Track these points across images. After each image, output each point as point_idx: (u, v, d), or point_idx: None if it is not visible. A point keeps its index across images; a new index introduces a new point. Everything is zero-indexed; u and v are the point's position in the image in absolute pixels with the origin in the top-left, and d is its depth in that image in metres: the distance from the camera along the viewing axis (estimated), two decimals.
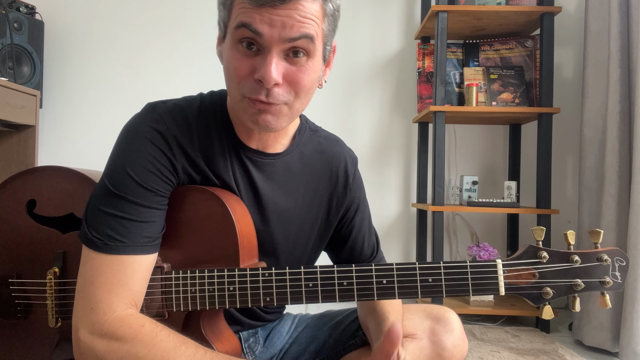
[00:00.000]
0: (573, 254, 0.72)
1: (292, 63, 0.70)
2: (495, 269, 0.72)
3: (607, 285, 0.72)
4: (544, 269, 0.72)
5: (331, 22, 0.72)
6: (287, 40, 0.67)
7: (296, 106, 0.74)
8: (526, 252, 0.73)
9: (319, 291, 0.73)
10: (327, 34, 0.72)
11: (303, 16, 0.66)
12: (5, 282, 0.84)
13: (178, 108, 0.79)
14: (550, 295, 0.72)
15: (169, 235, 0.76)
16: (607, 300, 0.72)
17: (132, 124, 0.77)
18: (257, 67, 0.68)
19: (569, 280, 0.72)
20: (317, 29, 0.69)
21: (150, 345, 0.65)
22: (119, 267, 0.69)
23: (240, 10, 0.67)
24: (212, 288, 0.74)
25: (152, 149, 0.74)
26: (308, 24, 0.67)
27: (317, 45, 0.70)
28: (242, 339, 0.99)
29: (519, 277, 0.72)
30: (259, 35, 0.66)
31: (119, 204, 0.71)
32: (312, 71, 0.72)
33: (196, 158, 0.78)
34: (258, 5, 0.65)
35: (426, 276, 0.72)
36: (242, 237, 0.77)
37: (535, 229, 0.73)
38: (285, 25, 0.66)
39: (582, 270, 0.72)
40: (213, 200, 0.77)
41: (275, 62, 0.67)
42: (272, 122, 0.73)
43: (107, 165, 0.75)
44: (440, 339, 0.88)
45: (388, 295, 0.73)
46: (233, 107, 0.78)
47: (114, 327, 0.66)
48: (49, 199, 0.83)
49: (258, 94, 0.69)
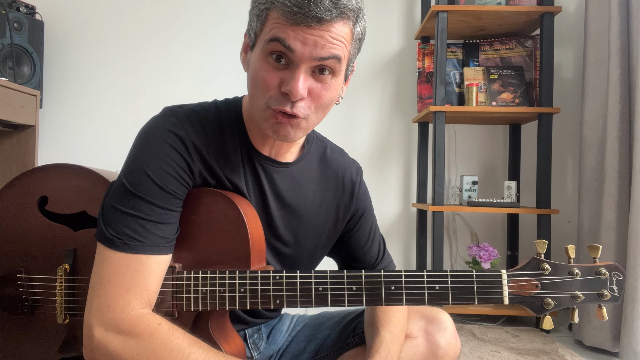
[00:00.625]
0: (574, 267, 0.75)
1: (317, 80, 0.73)
2: (500, 279, 0.75)
3: (605, 299, 0.75)
4: (546, 281, 0.75)
5: (357, 45, 0.77)
6: (317, 59, 0.71)
7: (314, 120, 0.78)
8: (529, 264, 0.76)
9: (329, 295, 0.75)
10: (352, 55, 0.77)
11: (334, 37, 0.70)
12: (14, 277, 0.84)
13: (195, 114, 0.81)
14: (551, 306, 0.75)
15: (181, 235, 0.77)
16: (604, 312, 0.76)
17: (151, 126, 0.78)
18: (284, 80, 0.72)
19: (569, 292, 0.75)
20: (345, 51, 0.73)
21: (167, 342, 0.67)
22: (137, 266, 0.70)
23: (274, 24, 0.70)
24: (223, 289, 0.75)
25: (171, 152, 0.75)
26: (338, 45, 0.71)
27: (343, 65, 0.74)
28: (247, 336, 1.01)
29: (522, 287, 0.75)
30: (291, 51, 0.70)
31: (137, 204, 0.72)
32: (335, 89, 0.76)
33: (212, 163, 0.80)
34: (294, 24, 0.68)
35: (433, 284, 0.75)
36: (253, 240, 0.78)
37: (538, 242, 0.76)
38: (317, 45, 0.69)
39: (582, 283, 0.75)
40: (226, 204, 0.78)
41: (302, 78, 0.71)
42: (291, 133, 0.76)
43: (125, 165, 0.76)
44: (434, 337, 0.91)
45: (396, 302, 0.75)
46: (253, 114, 0.80)
47: (132, 325, 0.68)
48: (61, 196, 0.84)
49: (283, 105, 0.73)
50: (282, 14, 0.68)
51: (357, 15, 0.73)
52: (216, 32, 2.55)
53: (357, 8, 0.72)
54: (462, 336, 1.88)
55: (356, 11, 0.72)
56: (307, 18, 0.67)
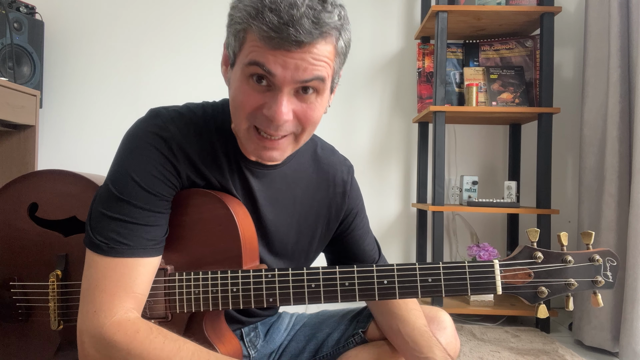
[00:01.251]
0: (566, 255, 0.75)
1: (301, 100, 0.71)
2: (493, 269, 0.74)
3: (599, 285, 0.75)
4: (539, 269, 0.75)
5: (342, 59, 0.74)
6: (299, 82, 0.68)
7: (303, 138, 0.76)
8: (522, 253, 0.75)
9: (322, 292, 0.75)
10: (336, 70, 0.74)
11: (316, 59, 0.67)
12: (7, 285, 0.84)
13: (181, 115, 0.79)
14: (545, 294, 0.74)
15: (172, 237, 0.77)
16: (599, 299, 0.75)
17: (136, 129, 0.77)
18: (266, 103, 0.69)
19: (563, 280, 0.75)
20: (329, 70, 0.70)
21: (145, 352, 0.66)
22: (123, 270, 0.70)
23: (253, 47, 0.67)
24: (216, 289, 0.75)
25: (156, 155, 0.74)
26: (320, 66, 0.68)
27: (327, 83, 0.72)
28: (244, 334, 1.01)
29: (515, 277, 0.74)
30: (271, 75, 0.67)
31: (123, 208, 0.71)
32: (320, 107, 0.74)
33: (199, 164, 0.79)
34: (273, 48, 0.65)
35: (426, 276, 0.74)
36: (244, 239, 0.78)
37: (530, 231, 0.76)
38: (298, 68, 0.67)
39: (576, 270, 0.75)
40: (216, 204, 0.77)
41: (285, 101, 0.69)
42: (277, 157, 0.76)
43: (111, 170, 0.75)
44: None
45: (389, 295, 0.75)
46: (237, 133, 0.79)
47: (111, 332, 0.67)
48: (51, 203, 0.83)
49: (267, 127, 0.71)
50: (259, 38, 0.65)
51: (340, 30, 0.69)
52: (216, 33, 2.55)
53: (339, 24, 0.68)
54: (462, 336, 1.88)
55: (339, 27, 0.69)
56: (285, 42, 0.64)
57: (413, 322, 0.86)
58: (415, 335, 0.84)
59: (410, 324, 0.86)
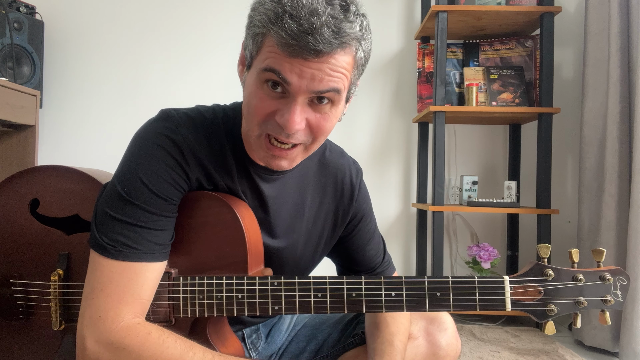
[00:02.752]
0: (577, 273, 0.73)
1: (316, 110, 0.70)
2: (503, 285, 0.73)
3: (609, 304, 0.73)
4: (549, 287, 0.73)
5: (360, 70, 0.72)
6: (314, 92, 0.67)
7: (313, 147, 0.75)
8: (532, 270, 0.74)
9: (328, 302, 0.73)
10: (353, 80, 0.72)
11: (333, 69, 0.65)
12: (7, 282, 0.82)
13: (192, 118, 0.78)
14: (554, 312, 0.73)
15: (177, 240, 0.76)
16: (607, 317, 0.74)
17: (146, 130, 0.76)
18: (280, 110, 0.68)
19: (573, 298, 0.73)
20: (346, 81, 0.69)
21: (157, 353, 0.66)
22: (130, 275, 0.69)
23: (270, 53, 0.66)
24: (221, 296, 0.74)
25: (166, 158, 0.73)
26: (337, 77, 0.66)
27: (342, 95, 0.70)
28: (246, 336, 1.00)
29: (525, 294, 0.73)
30: (287, 83, 0.66)
31: (131, 211, 0.70)
32: (335, 117, 0.72)
33: (209, 167, 0.78)
34: (290, 56, 0.64)
35: (434, 290, 0.73)
36: (250, 244, 0.76)
37: (541, 247, 0.74)
38: (314, 79, 0.65)
39: (586, 288, 0.73)
40: (222, 207, 0.76)
41: (299, 111, 0.67)
42: (285, 166, 0.75)
43: (119, 170, 0.74)
44: (435, 338, 0.90)
45: (396, 309, 0.74)
46: (248, 139, 0.78)
47: (121, 336, 0.66)
48: (53, 199, 0.82)
49: (279, 134, 0.70)
50: (277, 44, 0.64)
51: (361, 40, 0.67)
52: (216, 33, 2.55)
53: (360, 35, 0.66)
54: (462, 336, 1.88)
55: (359, 38, 0.66)
56: (304, 51, 0.62)
57: (392, 337, 0.85)
58: (386, 347, 0.83)
59: (388, 336, 0.85)
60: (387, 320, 0.87)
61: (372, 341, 0.86)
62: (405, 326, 0.88)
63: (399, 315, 0.88)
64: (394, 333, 0.85)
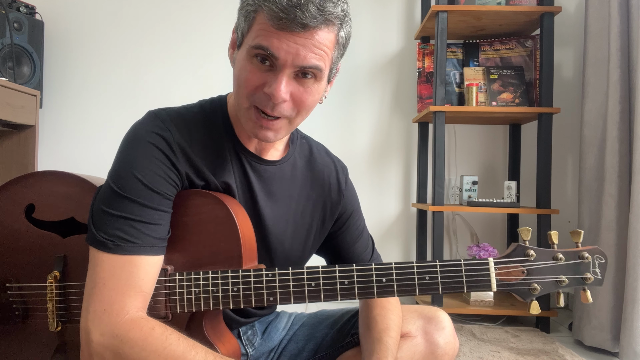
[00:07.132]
0: (557, 252, 0.78)
1: (300, 83, 0.75)
2: (488, 266, 0.76)
3: (589, 282, 0.77)
4: (531, 266, 0.77)
5: (341, 49, 0.79)
6: (299, 67, 0.73)
7: (297, 121, 0.80)
8: (515, 251, 0.78)
9: (322, 290, 0.76)
10: (335, 60, 0.78)
11: (317, 46, 0.72)
12: (3, 287, 0.83)
13: (179, 115, 0.81)
14: (537, 291, 0.77)
15: (172, 238, 0.77)
16: (588, 295, 0.78)
17: (136, 130, 0.78)
18: (268, 82, 0.74)
19: (554, 277, 0.77)
20: (327, 59, 0.75)
21: (160, 349, 0.66)
22: (131, 268, 0.70)
23: (260, 30, 0.72)
24: (216, 289, 0.76)
25: (157, 153, 0.76)
26: (320, 54, 0.73)
27: (325, 72, 0.77)
28: (241, 333, 1.01)
29: (509, 274, 0.77)
30: (274, 58, 0.72)
31: (127, 206, 0.72)
32: (317, 92, 0.78)
33: (198, 163, 0.80)
34: (279, 29, 0.70)
35: (423, 274, 0.76)
36: (244, 240, 0.78)
37: (522, 230, 0.78)
38: (299, 54, 0.71)
39: (566, 267, 0.78)
40: (216, 204, 0.78)
41: (285, 82, 0.73)
42: (271, 137, 0.79)
43: (112, 169, 0.76)
44: (432, 337, 0.92)
45: (387, 294, 0.76)
46: (238, 112, 0.81)
47: (125, 329, 0.67)
48: (48, 204, 0.83)
49: (265, 106, 0.75)
50: (269, 18, 0.70)
51: (342, 21, 0.75)
52: (216, 33, 2.55)
53: (342, 15, 0.74)
54: (462, 336, 1.88)
55: (341, 18, 0.74)
56: (292, 24, 0.69)
57: (381, 334, 0.86)
58: (376, 345, 0.84)
59: (377, 334, 0.86)
60: (376, 319, 0.89)
61: (364, 342, 0.88)
62: (395, 322, 0.89)
63: (388, 312, 0.90)
64: (382, 330, 0.86)
